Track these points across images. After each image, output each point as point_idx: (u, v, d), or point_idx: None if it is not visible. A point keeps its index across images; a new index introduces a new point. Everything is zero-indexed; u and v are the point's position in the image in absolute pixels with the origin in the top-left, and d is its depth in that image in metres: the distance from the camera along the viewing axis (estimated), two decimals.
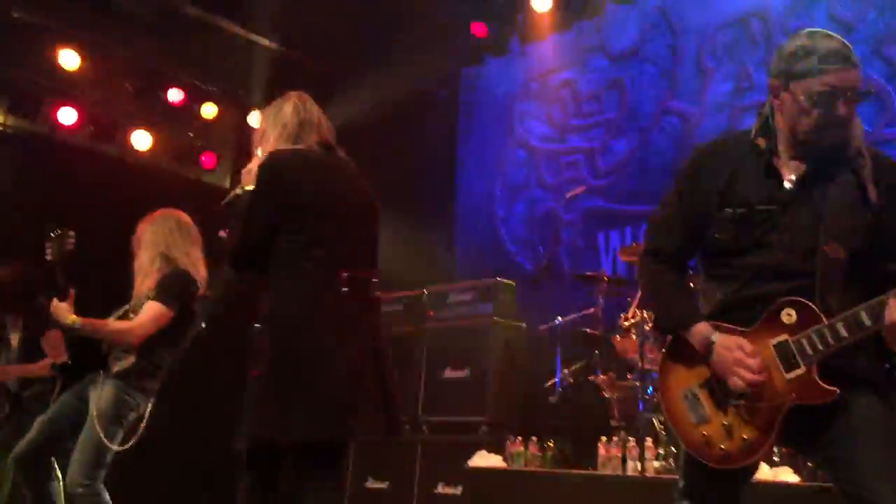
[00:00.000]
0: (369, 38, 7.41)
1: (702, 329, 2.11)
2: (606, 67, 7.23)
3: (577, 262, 6.83)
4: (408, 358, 6.08)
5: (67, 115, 7.10)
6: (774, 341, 2.04)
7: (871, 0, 5.79)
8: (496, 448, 5.20)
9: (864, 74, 2.03)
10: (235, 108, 8.02)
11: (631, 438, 4.52)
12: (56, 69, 6.96)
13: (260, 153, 2.89)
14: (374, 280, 2.80)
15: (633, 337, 5.01)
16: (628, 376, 5.13)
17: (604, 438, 4.64)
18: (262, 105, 7.81)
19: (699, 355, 2.13)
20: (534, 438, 5.04)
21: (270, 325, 2.60)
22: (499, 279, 6.07)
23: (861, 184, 2.03)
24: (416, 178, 7.56)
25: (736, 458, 2.06)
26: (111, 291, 3.91)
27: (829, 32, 2.06)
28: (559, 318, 5.57)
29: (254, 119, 7.91)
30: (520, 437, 5.08)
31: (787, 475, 3.79)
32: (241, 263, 2.75)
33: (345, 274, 2.65)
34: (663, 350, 2.27)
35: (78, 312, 3.53)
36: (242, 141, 8.04)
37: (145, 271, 3.77)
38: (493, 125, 7.90)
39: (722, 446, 2.07)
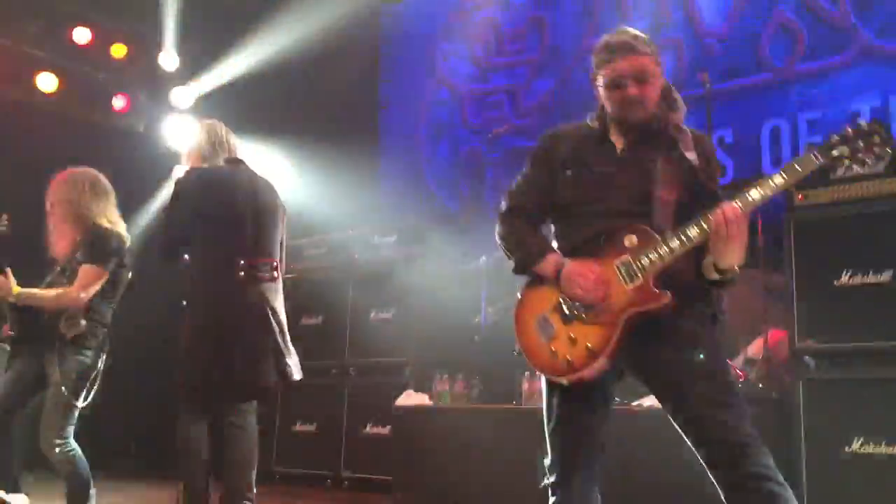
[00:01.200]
0: None
1: (555, 257, 2.41)
2: (527, 5, 7.18)
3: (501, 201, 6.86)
4: (333, 301, 6.06)
5: None
6: (618, 261, 2.34)
7: None
8: (423, 387, 5.26)
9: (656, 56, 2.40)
10: (146, 47, 7.71)
11: None
12: None
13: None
14: (268, 265, 3.65)
15: None
16: None
17: (527, 374, 4.73)
18: (175, 43, 7.61)
19: (550, 286, 2.39)
20: (459, 376, 5.10)
21: (189, 304, 3.57)
22: (423, 220, 6.05)
23: (681, 151, 2.39)
24: (338, 118, 7.44)
25: (579, 366, 2.30)
26: (25, 240, 3.88)
27: (628, 29, 2.44)
28: (484, 256, 5.59)
29: (165, 59, 7.62)
30: (446, 376, 5.14)
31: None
32: (165, 256, 3.64)
33: (241, 262, 3.53)
34: (521, 292, 2.49)
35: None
36: (155, 81, 7.77)
37: (61, 231, 3.88)
38: (415, 64, 7.79)
39: (567, 356, 2.31)
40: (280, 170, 7.27)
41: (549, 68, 6.97)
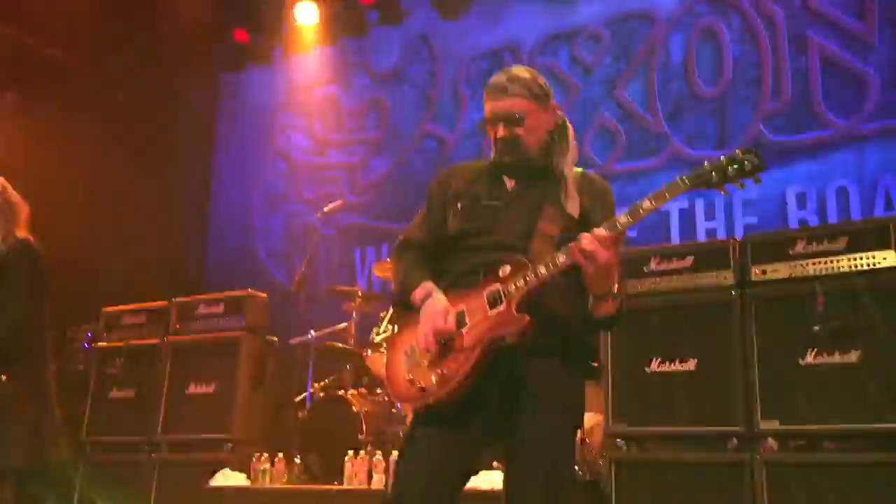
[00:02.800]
0: (119, 30, 6.97)
1: (426, 286, 2.42)
2: (369, 86, 7.34)
3: (334, 277, 6.84)
4: (148, 373, 5.73)
5: None
6: (487, 291, 2.34)
7: (608, 47, 6.37)
8: (241, 466, 5.03)
9: (523, 100, 2.42)
10: None
11: (378, 452, 4.56)
12: None
13: None
14: None
15: (384, 352, 5.08)
16: (378, 391, 5.18)
17: (351, 453, 4.65)
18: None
19: (416, 321, 2.39)
20: (280, 455, 4.93)
21: None
22: (250, 291, 5.90)
23: (560, 196, 2.41)
24: (167, 182, 7.20)
25: (432, 392, 2.29)
26: None
27: (513, 70, 2.47)
28: (312, 332, 5.52)
29: None
30: (266, 454, 4.95)
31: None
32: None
33: None
34: (395, 333, 2.56)
35: None
36: None
37: None
38: (253, 134, 7.73)
39: (421, 383, 2.31)
40: (98, 233, 6.90)
41: (387, 148, 7.12)
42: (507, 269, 2.32)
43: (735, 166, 2.19)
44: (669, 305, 3.96)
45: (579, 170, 2.51)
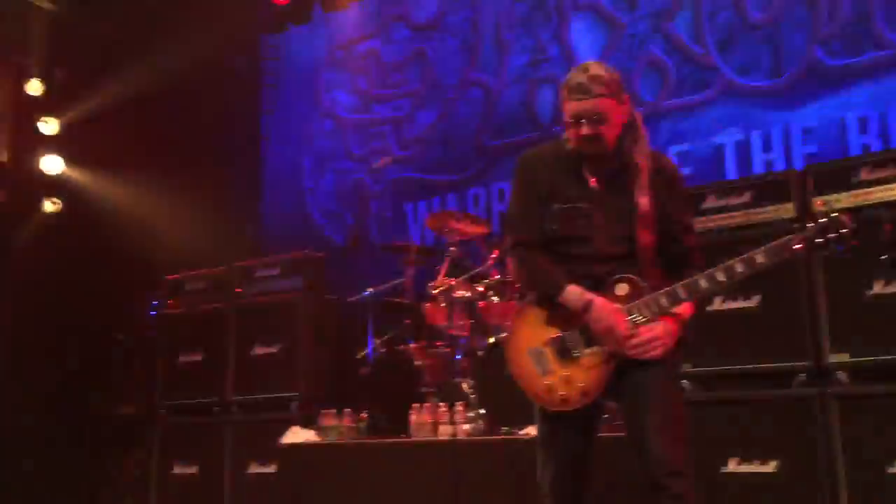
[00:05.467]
0: (157, 1, 7.00)
1: (579, 290, 2.49)
2: (410, 38, 7.26)
3: (386, 232, 6.87)
4: (216, 337, 5.87)
5: None
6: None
7: None
8: (309, 423, 5.15)
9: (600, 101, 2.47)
10: (12, 75, 7.31)
11: (442, 404, 4.61)
12: None
13: None
14: None
15: (442, 304, 5.10)
16: (438, 343, 5.22)
17: (415, 405, 4.71)
18: (43, 73, 7.26)
19: (546, 319, 2.55)
20: (347, 411, 5.03)
21: None
22: (307, 252, 5.97)
23: (642, 189, 2.51)
24: (219, 150, 7.28)
25: (573, 404, 2.49)
26: None
27: (590, 66, 2.52)
28: (369, 289, 5.57)
29: (32, 87, 7.26)
30: (332, 411, 5.05)
31: None
32: None
33: None
34: (513, 317, 2.67)
35: None
36: (21, 111, 7.37)
37: None
38: (298, 95, 7.73)
39: (562, 394, 2.49)
40: (157, 202, 7.04)
41: (432, 100, 7.06)
42: (625, 288, 2.50)
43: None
44: (728, 242, 3.89)
45: (652, 151, 2.61)
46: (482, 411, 4.65)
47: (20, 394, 4.43)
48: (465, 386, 4.80)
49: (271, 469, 5.23)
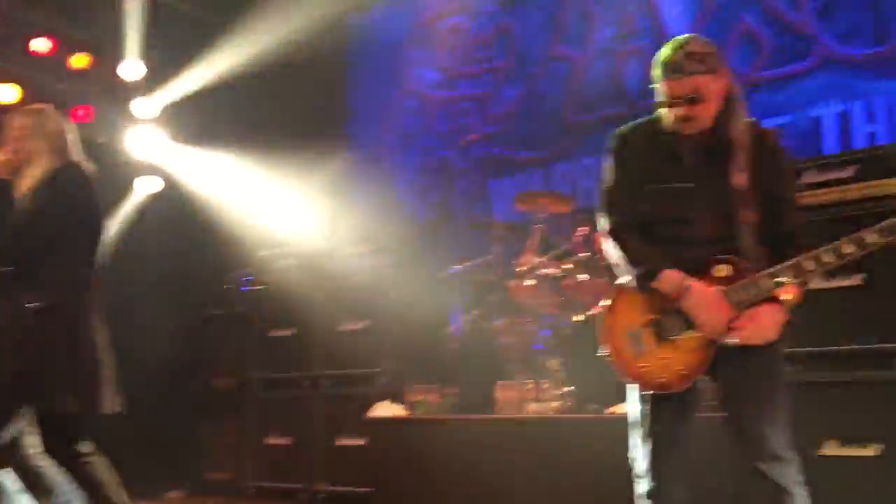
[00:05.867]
0: None
1: (675, 274, 2.43)
2: (495, 13, 7.20)
3: (471, 209, 6.87)
4: (304, 312, 6.01)
5: None
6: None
7: None
8: (397, 398, 5.23)
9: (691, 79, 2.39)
10: (109, 57, 7.58)
11: (529, 381, 4.62)
12: None
13: (32, 157, 3.17)
14: None
15: (528, 282, 5.10)
16: (524, 321, 5.22)
17: (502, 382, 4.73)
18: (138, 53, 7.50)
19: (646, 300, 2.48)
20: (434, 386, 5.09)
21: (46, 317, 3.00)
22: (394, 230, 6.04)
23: (739, 166, 2.42)
24: (305, 131, 7.38)
25: (671, 387, 2.44)
26: None
27: (682, 42, 2.44)
28: (456, 266, 5.60)
29: (127, 69, 7.51)
30: (420, 386, 5.12)
31: None
32: (18, 254, 3.05)
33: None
34: (610, 298, 2.61)
35: None
36: (118, 91, 7.64)
37: None
38: (383, 73, 7.77)
39: (660, 377, 2.45)
40: (247, 181, 7.22)
41: (517, 76, 7.00)
42: (725, 270, 2.42)
43: None
44: (830, 220, 3.75)
45: (750, 122, 2.51)
46: (569, 389, 4.65)
47: (130, 365, 4.63)
48: (551, 363, 4.80)
49: (361, 442, 5.34)
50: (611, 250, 2.58)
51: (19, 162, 3.14)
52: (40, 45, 7.12)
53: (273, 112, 7.53)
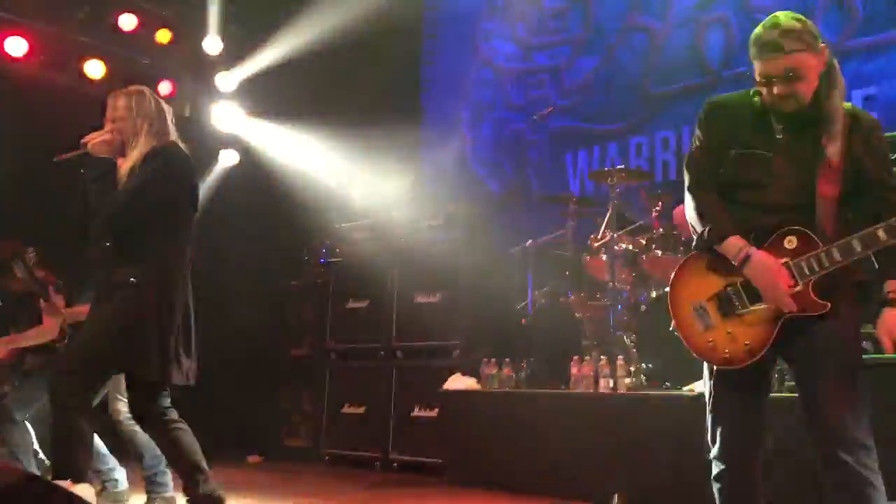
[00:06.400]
0: None
1: (739, 241, 2.39)
2: None
3: (546, 183, 6.82)
4: (379, 285, 6.09)
5: (17, 46, 6.82)
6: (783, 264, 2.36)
7: None
8: (470, 371, 5.28)
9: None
10: (191, 32, 7.75)
11: (602, 357, 4.60)
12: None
13: (132, 137, 3.26)
14: None
15: (603, 257, 5.05)
16: (599, 296, 5.19)
17: (576, 357, 4.72)
18: (219, 28, 7.65)
19: (712, 271, 2.45)
20: (507, 360, 5.11)
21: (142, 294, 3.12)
22: (467, 202, 6.05)
23: (832, 139, 2.37)
24: (381, 102, 7.43)
25: (737, 362, 2.39)
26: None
27: (781, 20, 2.36)
28: (529, 240, 5.58)
29: (210, 44, 7.66)
30: (493, 359, 5.15)
31: None
32: (118, 229, 3.16)
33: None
34: (676, 269, 2.57)
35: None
36: (199, 66, 7.82)
37: None
38: (457, 45, 7.74)
39: (726, 351, 2.40)
40: (323, 154, 7.32)
41: (593, 46, 6.88)
42: (794, 240, 2.36)
43: None
44: None
45: (847, 106, 2.45)
46: (644, 366, 4.61)
47: (211, 335, 4.83)
48: (626, 339, 4.76)
49: (433, 413, 5.41)
50: (688, 210, 2.55)
51: (120, 141, 3.25)
52: (126, 21, 7.32)
53: (349, 85, 7.59)
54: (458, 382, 5.19)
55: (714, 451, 2.50)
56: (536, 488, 4.44)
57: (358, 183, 6.98)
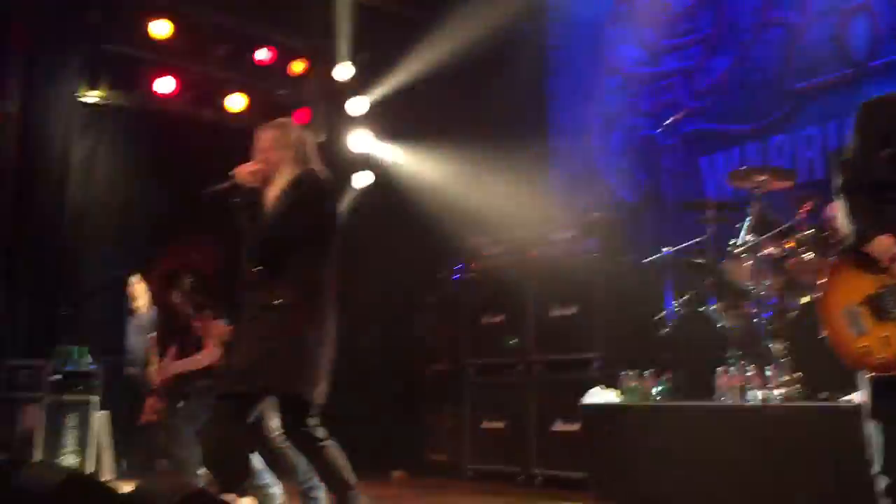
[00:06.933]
0: None
1: (886, 241, 2.35)
2: None
3: (681, 189, 6.63)
4: (514, 299, 6.10)
5: (165, 84, 7.29)
6: None
7: None
8: (611, 383, 5.18)
9: None
10: (323, 61, 8.06)
11: (751, 367, 4.41)
12: (150, 40, 7.14)
13: (278, 167, 3.40)
14: None
15: (747, 263, 4.85)
16: (743, 304, 4.98)
17: (722, 368, 4.55)
18: (350, 56, 7.91)
19: (864, 274, 2.38)
20: (648, 372, 4.99)
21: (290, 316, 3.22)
22: (601, 213, 5.97)
23: None
24: (508, 117, 7.47)
25: (894, 366, 2.31)
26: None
27: None
28: (666, 248, 5.43)
29: (341, 71, 7.93)
30: (634, 372, 5.03)
31: None
32: (267, 254, 3.29)
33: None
34: (826, 275, 2.54)
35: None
36: (332, 94, 8.12)
37: None
38: (583, 54, 7.68)
39: (881, 356, 2.32)
40: (454, 170, 7.41)
41: (726, 45, 6.66)
42: None
43: None
44: None
45: None
46: (797, 375, 4.39)
47: (352, 352, 4.99)
48: (776, 348, 4.55)
49: (575, 427, 5.35)
50: (840, 211, 2.49)
51: (267, 172, 3.41)
52: (263, 55, 7.69)
53: (476, 101, 7.67)
54: (599, 396, 5.10)
55: (878, 464, 2.35)
56: None
57: (490, 198, 7.01)
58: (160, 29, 7.12)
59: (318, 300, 3.31)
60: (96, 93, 7.10)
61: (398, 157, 7.91)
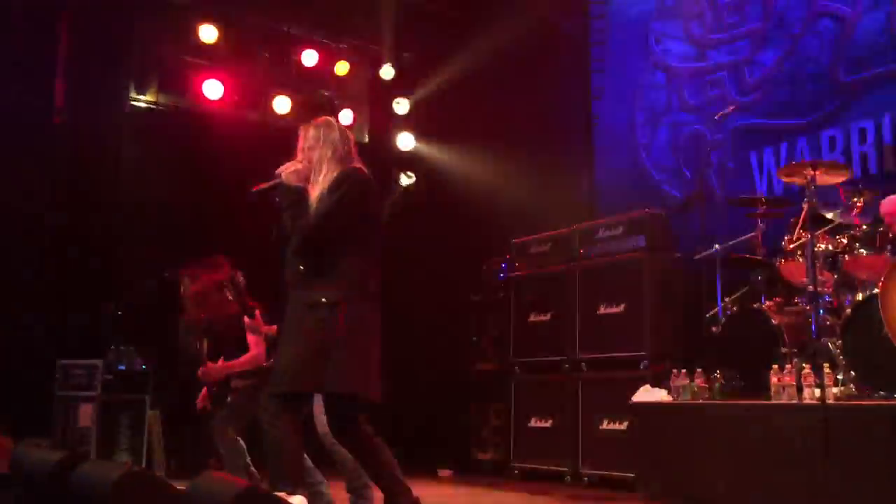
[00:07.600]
0: None
1: None
2: None
3: (729, 184, 6.53)
4: (560, 297, 6.06)
5: (213, 88, 7.39)
6: None
7: None
8: (659, 382, 5.12)
9: None
10: (367, 62, 8.11)
11: (805, 365, 4.32)
12: (198, 44, 7.26)
13: (320, 165, 3.43)
14: None
15: (800, 259, 4.76)
16: (796, 301, 4.89)
17: (776, 366, 4.46)
18: (394, 57, 7.95)
19: None
20: (699, 370, 4.91)
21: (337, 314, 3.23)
22: (648, 210, 5.90)
23: None
24: (552, 114, 7.43)
25: None
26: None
27: None
28: (716, 245, 5.35)
29: (385, 72, 7.97)
30: (683, 370, 4.96)
31: None
32: (310, 251, 3.33)
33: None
34: (887, 272, 2.30)
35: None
36: (376, 94, 8.16)
37: None
38: (628, 50, 7.60)
39: None
40: (498, 169, 7.39)
41: (775, 38, 6.53)
42: None
43: None
44: None
45: None
46: (853, 373, 4.29)
47: (399, 351, 5.02)
48: (831, 346, 4.45)
49: (623, 426, 5.29)
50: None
51: (310, 170, 3.43)
52: (308, 57, 7.76)
53: (520, 99, 7.64)
54: (648, 395, 5.05)
55: None
56: None
57: (536, 196, 6.98)
58: (208, 34, 7.23)
59: (363, 298, 3.31)
60: (146, 97, 7.23)
61: (443, 155, 7.92)
